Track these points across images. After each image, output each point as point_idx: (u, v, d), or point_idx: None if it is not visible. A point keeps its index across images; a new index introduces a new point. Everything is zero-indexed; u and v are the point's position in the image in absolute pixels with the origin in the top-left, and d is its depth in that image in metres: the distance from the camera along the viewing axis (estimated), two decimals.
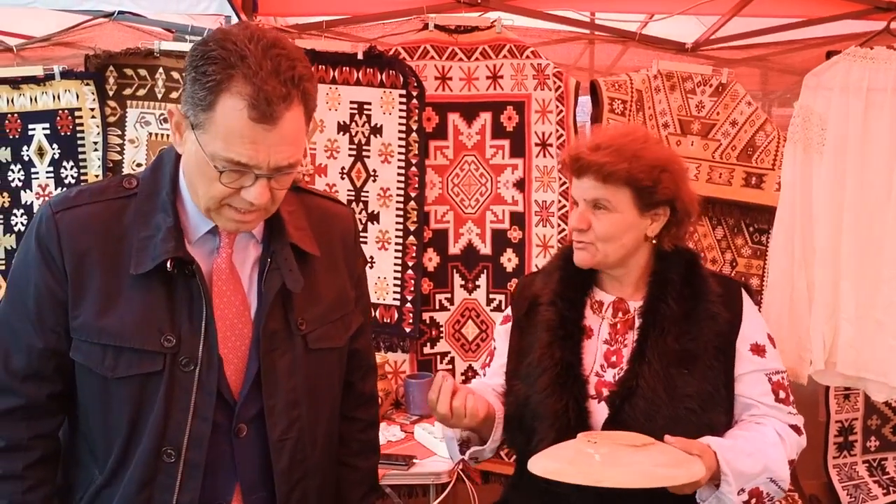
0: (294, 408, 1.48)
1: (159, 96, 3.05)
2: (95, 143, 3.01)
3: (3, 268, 3.04)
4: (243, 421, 1.44)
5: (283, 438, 1.47)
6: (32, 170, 3.02)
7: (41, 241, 1.39)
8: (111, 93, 3.04)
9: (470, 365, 3.18)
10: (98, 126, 3.01)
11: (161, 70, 3.03)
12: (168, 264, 1.37)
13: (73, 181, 3.01)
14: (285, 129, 1.29)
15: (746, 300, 1.78)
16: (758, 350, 1.73)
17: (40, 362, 1.40)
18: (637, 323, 1.73)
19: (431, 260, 3.21)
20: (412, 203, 3.14)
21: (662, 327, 1.68)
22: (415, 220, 3.15)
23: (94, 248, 1.38)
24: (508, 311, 1.93)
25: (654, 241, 1.77)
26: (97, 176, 3.00)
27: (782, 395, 1.74)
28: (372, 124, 3.14)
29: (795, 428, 1.75)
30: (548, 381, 1.69)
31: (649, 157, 1.70)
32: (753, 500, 1.63)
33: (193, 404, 1.38)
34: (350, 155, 3.14)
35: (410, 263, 3.15)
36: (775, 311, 2.93)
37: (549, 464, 1.50)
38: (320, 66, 3.06)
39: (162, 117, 3.04)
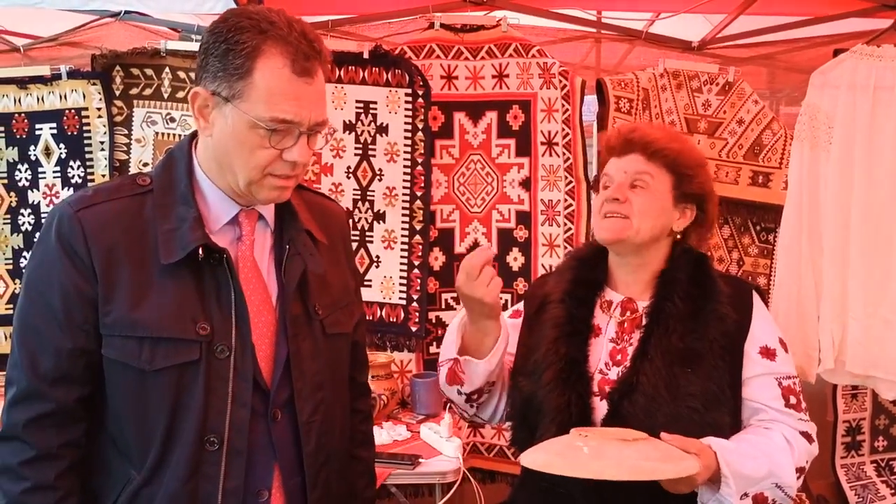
0: (318, 390, 1.51)
1: (165, 96, 3.06)
2: (102, 142, 3.02)
3: (10, 267, 3.05)
4: (277, 406, 1.47)
5: (311, 420, 1.49)
6: (39, 169, 3.03)
7: (64, 240, 1.37)
8: (118, 92, 3.05)
9: None
10: (105, 126, 3.02)
11: (167, 69, 3.04)
12: (199, 252, 1.38)
13: (79, 181, 3.02)
14: (319, 85, 1.39)
15: (757, 303, 1.75)
16: (768, 353, 1.70)
17: (69, 363, 1.38)
18: (644, 322, 1.72)
19: (437, 259, 3.21)
20: (418, 202, 3.14)
21: (667, 325, 1.66)
22: (421, 219, 3.15)
23: (120, 243, 1.38)
24: (520, 305, 1.93)
25: (677, 237, 1.77)
26: (104, 176, 3.01)
27: (793, 400, 1.70)
28: (378, 123, 3.14)
29: (806, 435, 1.70)
30: (552, 376, 1.69)
31: (695, 151, 1.81)
32: None
33: (231, 391, 1.39)
34: (356, 154, 3.14)
35: (416, 262, 3.15)
36: (783, 309, 2.93)
37: (539, 456, 1.51)
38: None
39: (168, 117, 3.05)
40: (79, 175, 3.02)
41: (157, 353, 1.37)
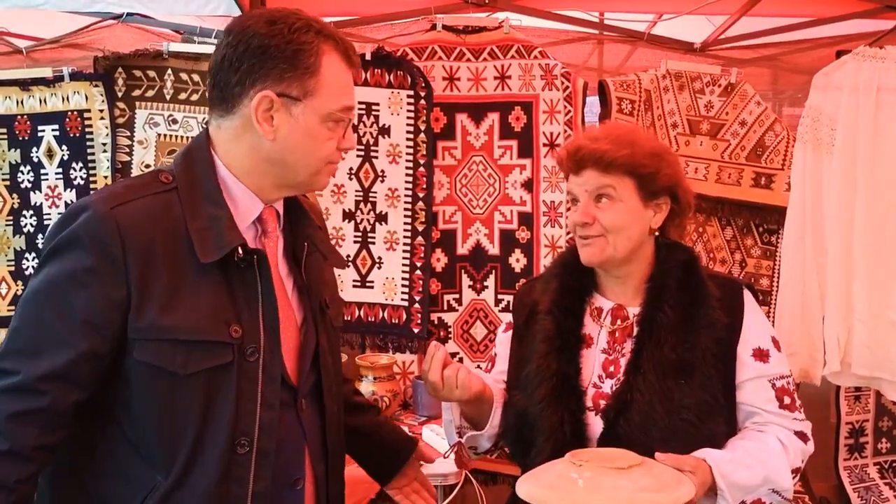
0: (336, 383, 1.58)
1: (168, 97, 3.06)
2: (104, 144, 3.02)
3: (12, 269, 3.04)
4: (303, 396, 1.50)
5: (333, 410, 1.56)
6: (42, 171, 3.03)
7: (96, 240, 1.32)
8: (120, 94, 3.04)
9: (478, 365, 3.16)
10: (107, 127, 3.02)
11: (170, 71, 3.04)
12: (237, 252, 1.38)
13: (81, 182, 3.01)
14: None
15: (748, 302, 1.72)
16: (760, 355, 1.68)
17: (77, 365, 1.32)
18: (635, 331, 1.69)
19: (440, 260, 3.20)
20: (420, 203, 3.14)
21: (659, 337, 1.63)
22: (423, 220, 3.14)
23: (156, 241, 1.35)
24: (510, 316, 1.91)
25: (657, 234, 1.74)
26: (106, 177, 3.00)
27: (787, 400, 1.68)
28: (380, 125, 3.14)
29: (801, 435, 1.69)
30: (544, 393, 1.66)
31: (647, 145, 1.71)
32: None
33: (260, 392, 1.39)
34: (358, 155, 3.14)
35: (419, 264, 3.15)
36: (788, 311, 2.92)
37: (534, 490, 1.47)
38: None
39: (171, 118, 3.05)
40: (81, 177, 3.02)
41: (192, 357, 1.35)
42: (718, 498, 1.54)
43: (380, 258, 3.16)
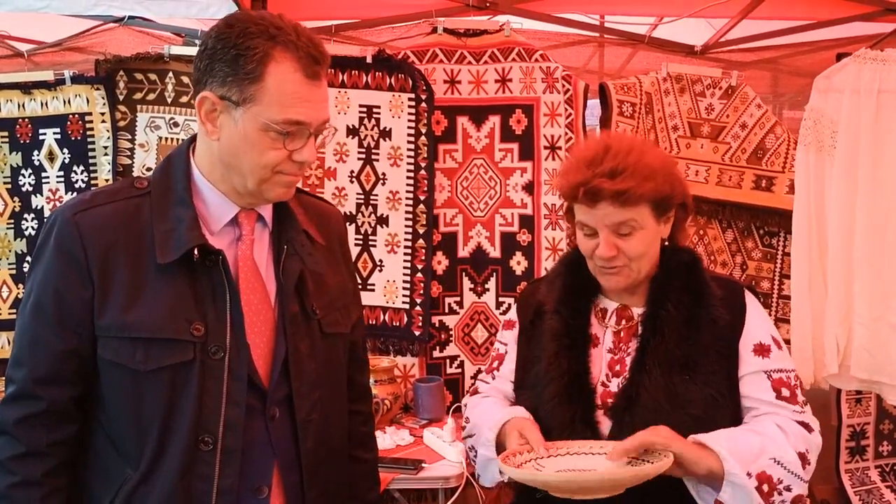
0: (315, 390, 1.53)
1: (169, 101, 3.06)
2: (106, 147, 3.02)
3: (13, 272, 3.05)
4: (275, 403, 1.49)
5: (309, 419, 1.52)
6: (43, 174, 3.03)
7: (61, 244, 1.40)
8: (121, 97, 3.05)
9: (479, 368, 3.17)
10: (108, 130, 3.03)
11: (171, 74, 3.05)
12: (194, 252, 1.40)
13: (83, 185, 3.02)
14: (324, 88, 1.45)
15: (750, 301, 1.73)
16: (761, 350, 1.68)
17: (61, 365, 1.41)
18: (639, 331, 1.70)
19: (441, 263, 3.21)
20: (421, 206, 3.14)
21: (663, 334, 1.65)
22: (424, 223, 3.15)
23: (117, 244, 1.41)
24: (512, 315, 1.91)
25: (665, 242, 1.76)
26: (107, 180, 3.01)
27: (785, 392, 1.66)
28: (381, 128, 3.14)
29: (803, 424, 1.65)
30: (555, 391, 1.68)
31: (660, 166, 1.66)
32: (765, 487, 1.53)
33: (226, 391, 1.42)
34: (359, 158, 3.14)
35: (420, 267, 3.15)
36: (801, 315, 2.93)
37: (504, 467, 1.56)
38: (329, 70, 3.07)
39: (172, 121, 3.06)
40: (82, 180, 3.03)
41: (151, 354, 1.39)
42: (723, 461, 1.50)
43: (381, 261, 3.16)
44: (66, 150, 3.02)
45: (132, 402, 1.41)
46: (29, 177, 3.03)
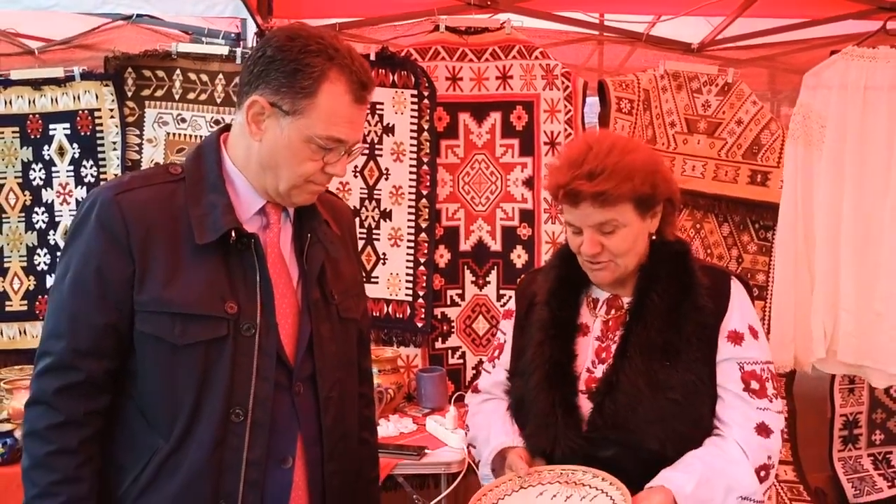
0: (336, 370, 1.62)
1: (177, 97, 3.11)
2: (114, 142, 3.08)
3: (24, 265, 3.10)
4: (300, 380, 1.56)
5: (329, 396, 1.60)
6: (53, 169, 3.09)
7: (103, 223, 1.46)
8: (130, 94, 3.10)
9: (480, 359, 3.22)
10: (117, 126, 3.08)
11: (178, 71, 3.10)
12: (231, 234, 1.48)
13: (92, 180, 3.07)
14: (365, 111, 1.56)
15: (735, 290, 1.75)
16: (735, 338, 1.70)
17: (101, 338, 1.47)
18: (626, 319, 1.74)
19: (443, 256, 3.26)
20: (424, 201, 3.20)
21: (646, 322, 1.68)
22: (426, 217, 3.20)
23: (156, 224, 1.48)
24: (511, 304, 1.96)
25: (653, 237, 1.78)
26: (116, 175, 3.05)
27: (755, 385, 1.68)
28: (384, 124, 3.20)
29: (761, 428, 1.67)
30: (538, 379, 1.73)
31: (641, 165, 1.67)
32: None
33: (256, 366, 1.49)
34: (363, 154, 3.19)
35: (422, 260, 3.20)
36: (783, 304, 2.99)
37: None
38: None
39: (179, 117, 3.11)
40: (91, 174, 3.08)
41: (188, 329, 1.46)
42: None
43: (384, 254, 3.22)
44: (75, 145, 3.08)
45: (167, 374, 1.47)
46: (39, 171, 3.09)
